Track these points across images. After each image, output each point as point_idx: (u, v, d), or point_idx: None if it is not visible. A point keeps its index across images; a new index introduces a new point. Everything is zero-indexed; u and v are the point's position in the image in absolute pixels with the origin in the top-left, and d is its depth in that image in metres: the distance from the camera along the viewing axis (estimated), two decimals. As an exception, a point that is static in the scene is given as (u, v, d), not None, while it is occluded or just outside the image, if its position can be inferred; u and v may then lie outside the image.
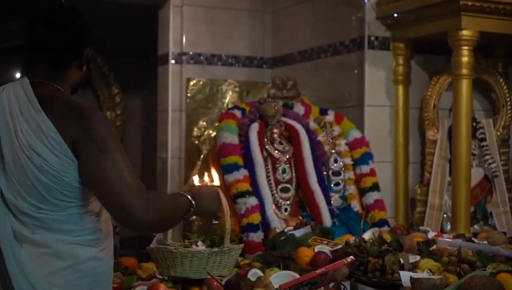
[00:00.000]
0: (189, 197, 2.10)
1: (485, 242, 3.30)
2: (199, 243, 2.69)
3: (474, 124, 4.62)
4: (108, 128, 2.01)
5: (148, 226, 1.99)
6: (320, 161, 4.27)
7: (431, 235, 3.53)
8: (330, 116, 4.53)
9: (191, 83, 5.38)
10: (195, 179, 2.52)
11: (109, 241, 2.13)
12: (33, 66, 2.11)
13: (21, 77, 2.12)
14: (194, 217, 5.23)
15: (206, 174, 2.54)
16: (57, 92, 2.07)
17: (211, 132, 5.30)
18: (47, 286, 1.99)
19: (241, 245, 2.75)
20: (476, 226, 4.56)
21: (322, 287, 2.41)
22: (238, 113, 4.31)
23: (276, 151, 4.20)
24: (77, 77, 2.14)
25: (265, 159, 4.14)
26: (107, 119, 2.07)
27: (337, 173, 4.35)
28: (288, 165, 4.20)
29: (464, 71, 4.16)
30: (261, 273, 2.78)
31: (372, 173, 4.37)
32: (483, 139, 4.73)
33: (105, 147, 1.96)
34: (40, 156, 1.96)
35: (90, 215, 2.05)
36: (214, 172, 2.57)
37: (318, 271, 2.35)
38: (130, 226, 1.99)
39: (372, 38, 4.63)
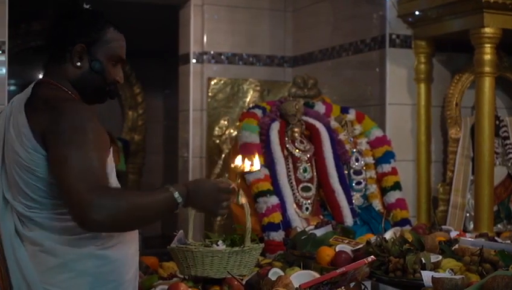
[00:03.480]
0: (175, 193, 1.96)
1: (508, 241, 3.27)
2: (220, 242, 2.69)
3: (497, 122, 4.58)
4: (81, 121, 1.94)
5: (98, 227, 1.87)
6: (341, 159, 4.26)
7: (453, 234, 3.50)
8: (351, 115, 4.52)
9: (212, 82, 5.39)
10: (256, 163, 2.43)
11: (119, 239, 2.08)
12: (45, 66, 2.18)
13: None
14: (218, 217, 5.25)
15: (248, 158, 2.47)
16: (51, 88, 2.09)
17: (232, 131, 5.31)
18: (40, 285, 2.00)
19: (262, 245, 2.75)
20: (499, 225, 4.51)
21: (343, 287, 2.40)
22: (259, 112, 4.31)
23: (297, 151, 4.20)
24: (74, 74, 2.13)
25: (286, 158, 4.14)
26: (83, 111, 1.98)
27: (358, 172, 4.34)
28: (309, 164, 4.20)
29: (487, 69, 4.12)
30: (281, 273, 2.78)
31: (394, 171, 4.36)
32: (507, 138, 4.68)
33: (72, 140, 1.91)
34: (18, 154, 1.99)
35: None
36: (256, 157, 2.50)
37: (338, 271, 2.34)
38: (81, 225, 1.88)
39: (394, 36, 4.61)
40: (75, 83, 2.13)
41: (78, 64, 2.12)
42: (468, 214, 4.53)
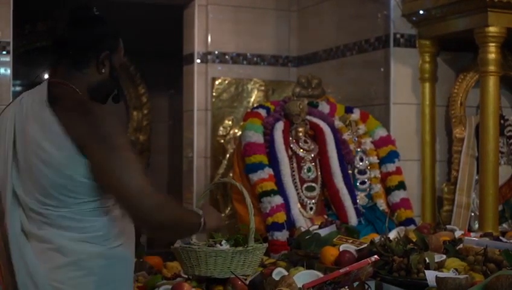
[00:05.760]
0: (202, 219, 2.16)
1: (513, 241, 3.25)
2: (223, 242, 2.69)
3: (502, 121, 4.57)
4: (117, 126, 2.04)
5: (159, 226, 2.04)
6: (345, 159, 4.26)
7: (458, 234, 3.49)
8: (355, 115, 4.52)
9: (217, 82, 5.39)
10: None
11: (123, 239, 2.13)
12: (55, 66, 2.18)
13: (46, 79, 2.18)
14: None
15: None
16: (69, 90, 2.12)
17: (236, 131, 5.31)
18: (47, 281, 2.02)
19: (265, 244, 2.75)
20: (504, 225, 4.51)
21: (346, 287, 2.40)
22: (263, 112, 4.31)
23: (301, 150, 4.20)
24: (95, 79, 2.17)
25: (290, 158, 4.14)
26: (115, 115, 2.07)
27: (362, 172, 4.34)
28: (313, 163, 4.20)
29: (491, 68, 4.11)
30: (285, 273, 2.77)
31: (398, 171, 4.35)
32: (511, 137, 4.67)
33: (115, 145, 1.99)
34: (44, 150, 2.01)
35: (99, 212, 2.07)
36: None
37: (342, 270, 2.34)
38: (142, 225, 2.06)
39: (398, 35, 4.60)
40: (93, 88, 2.17)
41: (103, 71, 2.16)
42: (473, 214, 4.52)
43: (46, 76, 2.22)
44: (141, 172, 2.01)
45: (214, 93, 5.38)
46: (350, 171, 4.28)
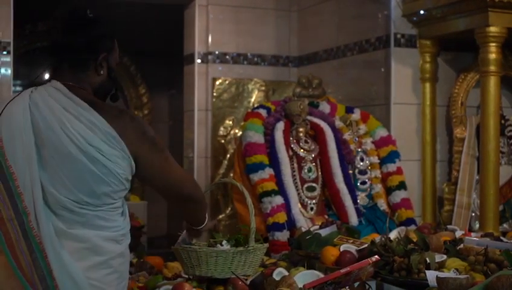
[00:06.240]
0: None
1: (514, 241, 3.25)
2: (224, 242, 2.69)
3: (503, 121, 4.57)
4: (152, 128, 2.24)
5: (200, 199, 2.37)
6: (346, 159, 4.26)
7: (458, 234, 3.49)
8: (356, 115, 4.52)
9: (217, 83, 5.39)
10: None
11: (128, 239, 2.21)
12: (56, 69, 2.18)
13: (48, 79, 2.18)
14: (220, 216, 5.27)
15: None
16: (87, 93, 2.15)
17: (237, 131, 5.31)
18: (86, 280, 2.05)
19: (266, 244, 2.75)
20: (505, 225, 4.51)
21: (347, 287, 2.40)
22: (263, 112, 4.32)
23: (302, 150, 4.20)
24: (96, 81, 2.19)
25: (290, 158, 4.14)
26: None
27: (363, 172, 4.34)
28: (313, 164, 4.20)
29: (492, 68, 4.12)
30: (286, 273, 2.77)
31: (399, 171, 4.36)
32: (512, 137, 4.68)
33: (161, 147, 2.21)
34: (97, 148, 2.04)
35: (118, 212, 2.15)
36: None
37: (342, 270, 2.34)
38: (191, 201, 2.35)
39: (399, 35, 4.61)
40: (95, 89, 2.21)
41: (101, 72, 2.20)
42: (473, 214, 4.52)
43: (47, 76, 2.21)
44: (178, 164, 2.27)
45: (214, 94, 5.38)
46: (351, 171, 4.28)
